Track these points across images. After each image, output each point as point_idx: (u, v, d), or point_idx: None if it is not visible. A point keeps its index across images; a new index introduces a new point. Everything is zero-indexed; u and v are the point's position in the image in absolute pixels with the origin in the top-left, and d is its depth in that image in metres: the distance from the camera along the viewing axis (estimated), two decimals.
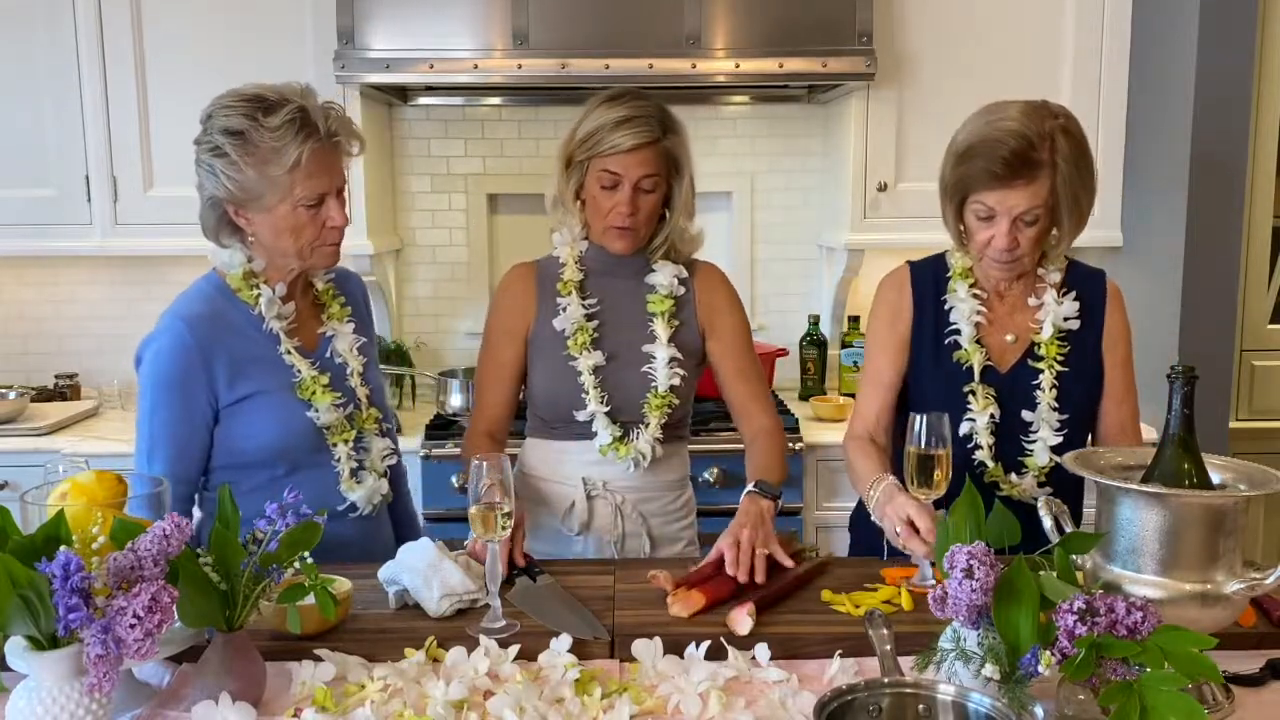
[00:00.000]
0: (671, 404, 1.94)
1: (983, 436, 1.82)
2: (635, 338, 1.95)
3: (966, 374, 1.84)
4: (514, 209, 3.32)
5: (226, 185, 1.71)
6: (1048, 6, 2.88)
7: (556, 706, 1.29)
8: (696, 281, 2.00)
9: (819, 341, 3.22)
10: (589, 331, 1.93)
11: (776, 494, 1.85)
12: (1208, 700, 1.28)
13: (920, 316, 1.89)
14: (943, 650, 1.25)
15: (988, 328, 1.86)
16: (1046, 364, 1.82)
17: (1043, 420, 1.81)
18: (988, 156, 1.69)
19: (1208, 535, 1.27)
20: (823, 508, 2.81)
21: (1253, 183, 2.90)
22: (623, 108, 1.86)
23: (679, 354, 1.94)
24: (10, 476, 2.74)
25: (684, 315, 1.97)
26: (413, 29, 2.75)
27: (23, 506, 1.38)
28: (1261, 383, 3.05)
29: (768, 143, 3.30)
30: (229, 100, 1.73)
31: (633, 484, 1.96)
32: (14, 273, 3.30)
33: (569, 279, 1.95)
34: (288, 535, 1.30)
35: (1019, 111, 1.71)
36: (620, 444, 1.92)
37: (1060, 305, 1.82)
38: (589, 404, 1.91)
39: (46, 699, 1.15)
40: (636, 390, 1.93)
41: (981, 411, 1.82)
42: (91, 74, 2.87)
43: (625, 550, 1.96)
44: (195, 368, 1.73)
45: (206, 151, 1.72)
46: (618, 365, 1.94)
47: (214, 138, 1.71)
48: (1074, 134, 1.72)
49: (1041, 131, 1.69)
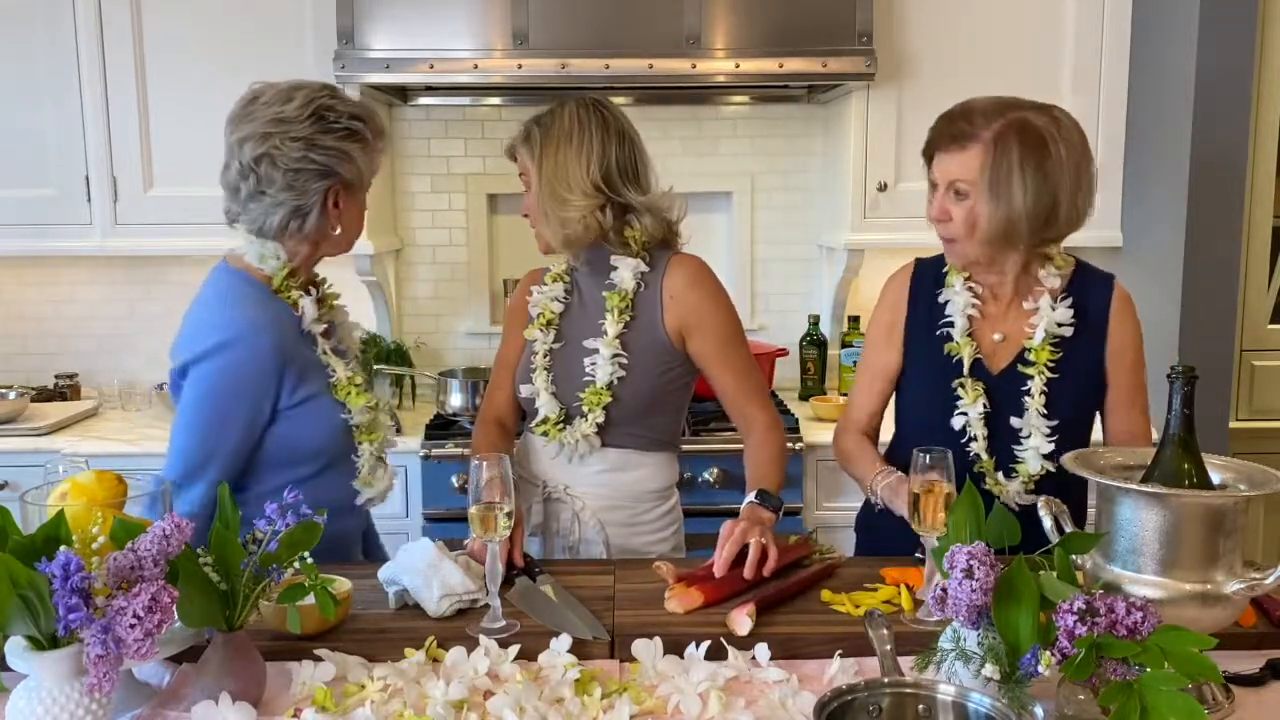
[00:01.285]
0: (605, 400, 1.91)
1: (976, 428, 1.81)
2: (589, 331, 1.96)
3: (956, 367, 1.83)
4: (514, 209, 3.32)
5: (359, 168, 1.74)
6: (1048, 6, 2.88)
7: (556, 706, 1.29)
8: (668, 277, 1.94)
9: (819, 341, 3.22)
10: (549, 313, 1.99)
11: (778, 505, 1.84)
12: (1208, 700, 1.28)
13: (914, 311, 1.89)
14: (943, 650, 1.25)
15: (981, 325, 1.85)
16: (1037, 369, 1.79)
17: (1033, 427, 1.79)
18: (932, 127, 1.78)
19: (1208, 535, 1.27)
20: (823, 508, 2.81)
21: (1253, 183, 2.90)
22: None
23: (623, 352, 1.92)
24: (10, 476, 2.74)
25: (642, 312, 1.93)
26: (413, 29, 2.75)
27: (23, 506, 1.38)
28: (1261, 383, 3.04)
29: (768, 143, 3.30)
30: (324, 93, 1.73)
31: (597, 490, 1.95)
32: (14, 273, 3.30)
33: (554, 270, 2.04)
34: (287, 535, 1.30)
35: (993, 96, 1.76)
36: (554, 427, 1.94)
37: (1054, 311, 1.80)
38: (535, 380, 1.96)
39: (46, 699, 1.15)
40: (580, 380, 1.94)
41: (972, 404, 1.80)
42: (91, 74, 2.87)
43: (578, 557, 1.94)
44: (269, 376, 1.70)
45: (336, 137, 1.70)
46: (568, 353, 1.96)
47: (346, 123, 1.71)
48: (1033, 128, 1.70)
49: (991, 112, 1.72)
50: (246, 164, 1.71)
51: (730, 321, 1.96)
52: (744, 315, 2.48)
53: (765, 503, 1.82)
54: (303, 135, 1.68)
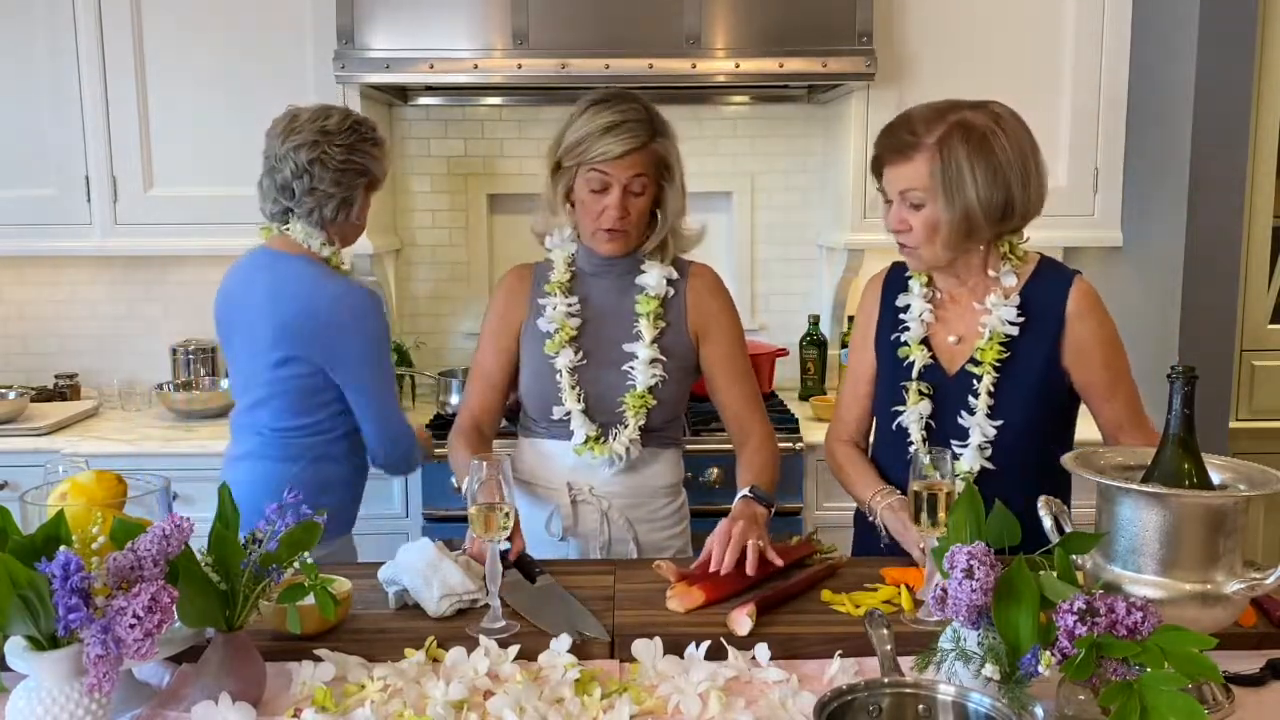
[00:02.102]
0: (649, 405, 1.93)
1: (915, 431, 1.82)
2: (618, 337, 1.95)
3: (907, 371, 1.85)
4: (514, 209, 3.32)
5: (384, 169, 2.18)
6: (1048, 6, 2.88)
7: (556, 706, 1.29)
8: (689, 284, 1.99)
9: (819, 341, 3.23)
10: (569, 330, 1.94)
11: (771, 501, 1.85)
12: (1208, 700, 1.28)
13: (883, 315, 1.91)
14: (943, 650, 1.25)
15: (938, 328, 1.86)
16: (984, 369, 1.78)
17: (975, 424, 1.79)
18: (878, 138, 1.78)
19: (1208, 535, 1.27)
20: (823, 508, 2.81)
21: (1253, 183, 2.90)
22: (610, 113, 1.85)
23: (661, 355, 1.94)
24: (10, 476, 2.74)
25: (672, 317, 1.97)
26: (413, 29, 2.75)
27: (23, 506, 1.39)
28: (1261, 383, 3.04)
29: (768, 143, 3.30)
30: (351, 113, 2.14)
31: (619, 489, 1.95)
32: (14, 273, 3.30)
33: (556, 279, 1.97)
34: (287, 535, 1.30)
35: (929, 103, 1.77)
36: (596, 443, 1.92)
37: (1002, 309, 1.78)
38: (565, 401, 1.92)
39: (46, 699, 1.15)
40: (615, 389, 1.93)
41: (911, 407, 1.82)
42: (91, 74, 2.87)
43: (611, 556, 1.95)
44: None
45: (369, 144, 2.11)
46: (597, 364, 1.94)
47: (373, 134, 2.14)
48: (975, 127, 1.70)
49: (931, 118, 1.72)
50: (301, 165, 2.04)
51: (740, 332, 2.02)
52: (744, 315, 2.48)
53: (759, 497, 1.83)
54: (344, 143, 2.06)
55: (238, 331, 2.13)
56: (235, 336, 2.14)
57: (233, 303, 2.14)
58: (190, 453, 2.73)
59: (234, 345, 2.16)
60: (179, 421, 2.99)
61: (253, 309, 2.07)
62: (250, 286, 2.10)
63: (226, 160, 2.89)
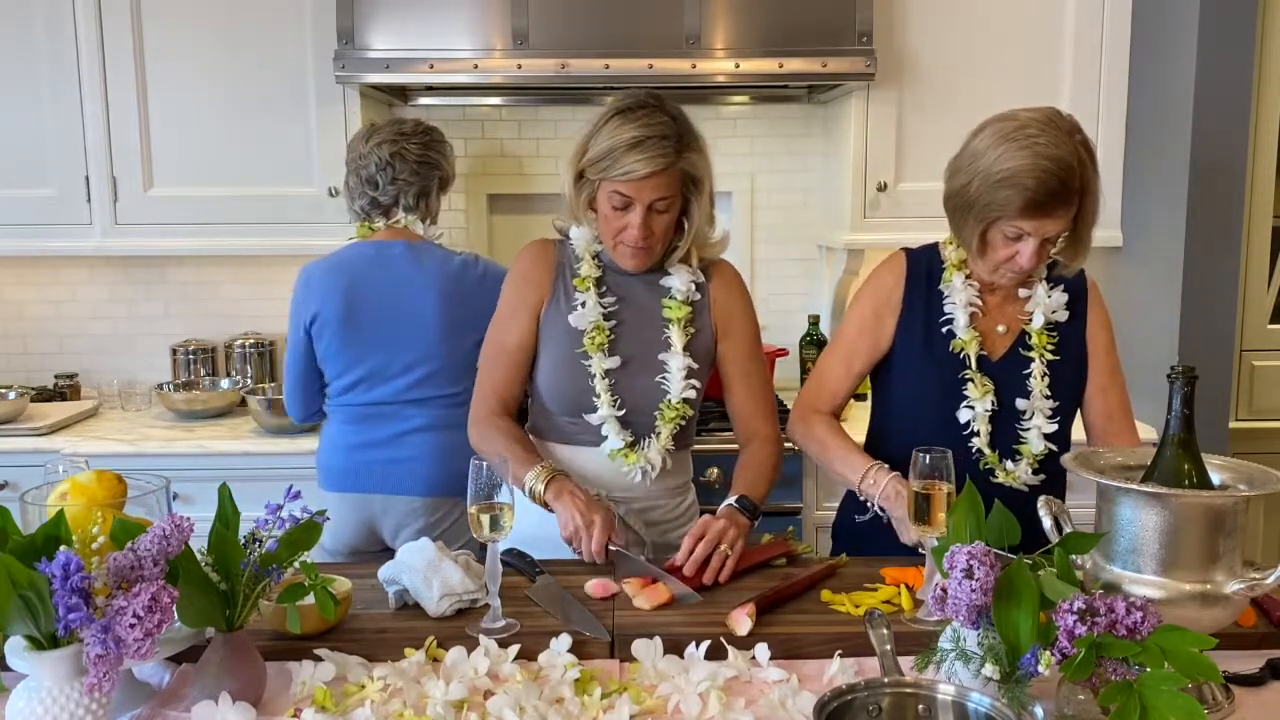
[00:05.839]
0: (685, 415, 1.90)
1: (980, 423, 1.84)
2: (650, 342, 1.90)
3: (961, 362, 1.86)
4: (514, 209, 3.32)
5: (453, 168, 2.55)
6: (1048, 7, 2.88)
7: (556, 706, 1.29)
8: (713, 282, 1.95)
9: (819, 341, 3.22)
10: (605, 332, 1.87)
11: (756, 514, 1.84)
12: (1208, 700, 1.28)
13: (911, 306, 1.90)
14: (943, 650, 1.26)
15: (980, 318, 1.88)
16: (1038, 352, 1.85)
17: (1036, 408, 1.85)
18: (1033, 188, 1.67)
19: (1208, 535, 1.27)
20: (823, 508, 2.81)
21: (1253, 183, 2.90)
22: (635, 127, 1.75)
23: (694, 363, 1.89)
24: (10, 476, 2.74)
25: (700, 320, 1.93)
26: (413, 29, 2.75)
27: (23, 506, 1.39)
28: (1261, 383, 3.04)
29: (768, 143, 3.30)
30: (422, 123, 2.50)
31: (635, 493, 1.93)
32: (14, 273, 3.30)
33: (586, 274, 1.90)
34: (287, 535, 1.30)
35: (1047, 137, 1.67)
36: (630, 451, 1.88)
37: (1050, 298, 1.87)
38: (600, 408, 1.87)
39: (46, 699, 1.15)
40: (649, 397, 1.89)
41: (980, 399, 1.84)
42: (91, 74, 2.87)
43: None
44: None
45: (440, 146, 2.48)
46: (632, 370, 1.89)
47: (440, 139, 2.50)
48: (1089, 148, 1.73)
49: (1075, 158, 1.69)
50: (384, 159, 2.37)
51: (756, 329, 2.02)
52: None
53: (744, 508, 1.82)
54: (420, 141, 2.42)
55: (387, 317, 2.29)
56: (383, 323, 2.29)
57: (378, 291, 2.30)
58: (190, 453, 2.73)
59: (379, 331, 2.29)
60: (179, 421, 2.99)
61: (412, 291, 2.29)
62: (393, 272, 2.31)
63: (226, 161, 2.89)
